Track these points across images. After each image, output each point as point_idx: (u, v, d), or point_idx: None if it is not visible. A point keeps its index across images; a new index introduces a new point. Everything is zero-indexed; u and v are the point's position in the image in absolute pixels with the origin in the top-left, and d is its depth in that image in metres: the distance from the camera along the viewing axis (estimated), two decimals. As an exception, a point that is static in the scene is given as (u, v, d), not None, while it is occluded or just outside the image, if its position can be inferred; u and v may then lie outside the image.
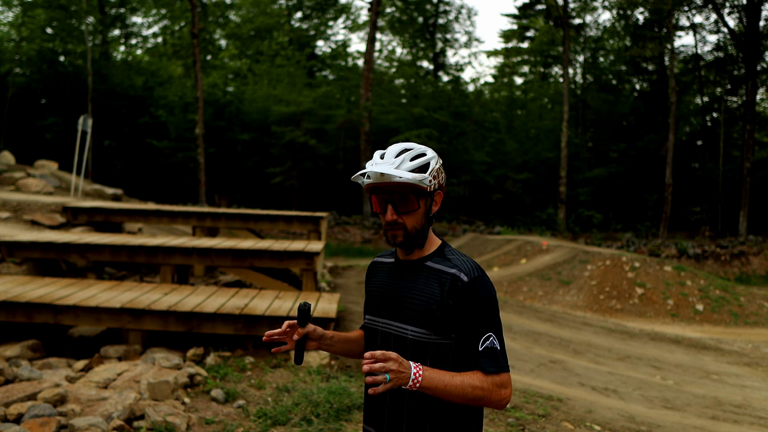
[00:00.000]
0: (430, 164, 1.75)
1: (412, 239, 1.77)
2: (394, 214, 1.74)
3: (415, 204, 1.74)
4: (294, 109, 26.86)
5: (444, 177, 1.81)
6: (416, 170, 1.73)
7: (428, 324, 1.72)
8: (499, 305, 1.84)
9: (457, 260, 1.76)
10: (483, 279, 1.73)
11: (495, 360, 1.68)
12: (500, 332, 1.72)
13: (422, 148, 1.78)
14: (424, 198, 1.76)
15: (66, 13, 25.03)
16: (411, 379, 1.58)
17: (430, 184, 1.74)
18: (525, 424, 4.55)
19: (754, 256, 19.37)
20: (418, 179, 1.70)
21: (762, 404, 6.32)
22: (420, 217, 1.76)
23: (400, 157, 1.73)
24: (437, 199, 1.80)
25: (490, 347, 1.68)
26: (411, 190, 1.73)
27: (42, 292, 5.98)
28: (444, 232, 23.96)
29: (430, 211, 1.78)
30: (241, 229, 10.91)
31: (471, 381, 1.65)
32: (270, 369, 5.26)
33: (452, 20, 36.11)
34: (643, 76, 30.93)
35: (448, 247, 1.83)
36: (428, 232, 1.81)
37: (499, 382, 1.67)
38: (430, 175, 1.73)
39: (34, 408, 3.91)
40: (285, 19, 35.41)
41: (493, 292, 1.74)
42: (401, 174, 1.68)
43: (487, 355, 1.67)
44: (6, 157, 15.09)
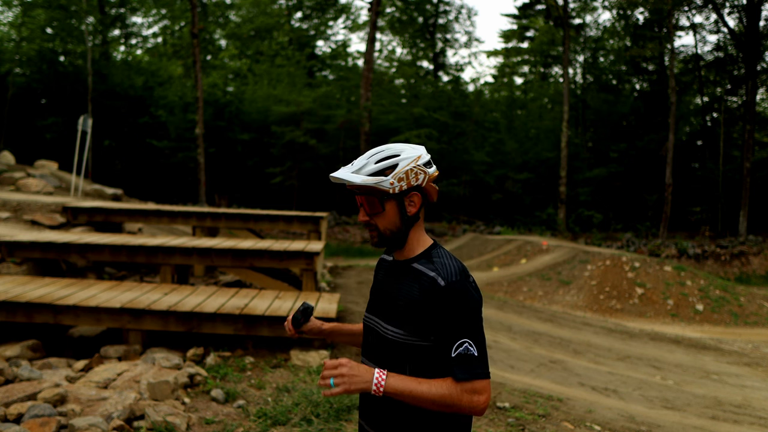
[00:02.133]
0: (398, 166, 1.73)
1: (387, 240, 1.80)
2: (365, 215, 1.79)
3: (378, 206, 1.76)
4: (294, 109, 26.87)
5: (426, 177, 1.76)
6: (378, 173, 1.73)
7: (405, 325, 1.73)
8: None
9: (440, 263, 1.74)
10: (461, 284, 1.69)
11: (468, 366, 1.63)
12: (478, 338, 1.66)
13: (400, 149, 1.76)
14: (390, 200, 1.75)
15: (66, 13, 25.03)
16: (373, 384, 1.61)
17: (392, 186, 1.72)
18: (525, 424, 4.55)
19: (754, 256, 19.37)
20: (373, 182, 1.71)
21: (762, 404, 6.32)
22: (391, 220, 1.77)
23: (367, 159, 1.75)
24: (414, 200, 1.77)
25: (464, 353, 1.63)
26: (371, 193, 1.75)
27: (42, 292, 5.98)
28: (444, 232, 23.96)
29: (405, 213, 1.77)
30: (241, 229, 10.91)
31: (439, 388, 1.62)
32: (270, 369, 5.26)
33: (452, 20, 36.14)
34: (643, 76, 30.93)
35: (437, 249, 1.81)
36: (410, 234, 1.80)
37: (470, 388, 1.62)
38: (392, 178, 1.71)
39: (34, 408, 3.91)
40: (285, 19, 35.41)
41: (472, 297, 1.69)
42: (350, 178, 1.72)
43: (459, 361, 1.63)
44: (6, 157, 15.09)
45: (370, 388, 1.61)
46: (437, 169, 1.83)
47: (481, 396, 1.63)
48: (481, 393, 1.63)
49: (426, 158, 1.78)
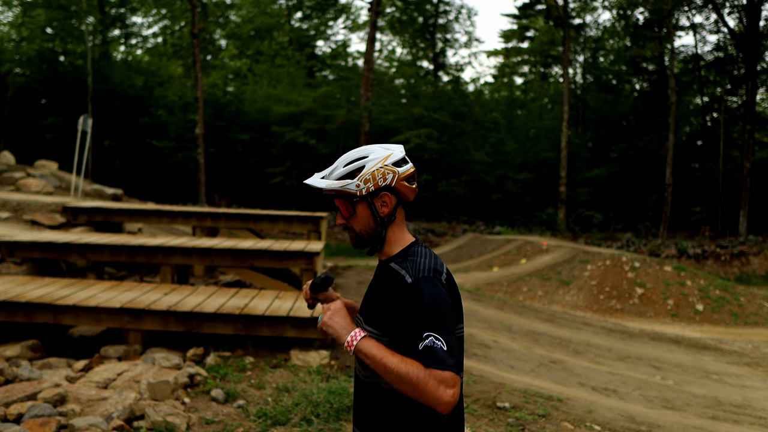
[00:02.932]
0: (364, 167, 1.74)
1: (364, 242, 1.83)
2: (341, 218, 1.83)
3: (349, 209, 1.79)
4: (294, 109, 26.87)
5: (395, 177, 1.75)
6: (346, 176, 1.75)
7: (379, 324, 1.75)
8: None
9: (412, 261, 1.74)
10: (429, 280, 1.67)
11: (435, 358, 1.56)
12: (446, 333, 1.60)
13: (369, 150, 1.78)
14: (360, 202, 1.77)
15: (66, 13, 25.02)
16: (347, 340, 1.64)
17: (358, 189, 1.74)
18: (525, 424, 4.55)
19: (754, 256, 19.37)
20: (339, 186, 1.75)
21: (762, 404, 6.32)
22: (364, 221, 1.79)
23: (336, 164, 1.78)
24: (386, 200, 1.77)
25: (430, 346, 1.57)
26: (342, 196, 1.78)
27: (42, 292, 5.98)
28: (444, 232, 23.97)
29: (378, 214, 1.77)
30: (241, 229, 10.91)
31: (409, 365, 1.56)
32: (270, 369, 5.26)
33: (452, 20, 36.12)
34: (643, 76, 30.93)
35: (414, 248, 1.80)
36: (388, 234, 1.81)
37: (440, 377, 1.54)
38: (358, 180, 1.73)
39: (34, 408, 3.91)
40: (285, 19, 35.41)
41: (438, 293, 1.65)
42: (317, 183, 1.77)
43: (426, 354, 1.57)
44: (6, 157, 15.09)
45: (344, 339, 1.64)
46: (413, 166, 1.81)
47: (449, 389, 1.54)
48: (449, 386, 1.54)
49: (397, 157, 1.78)
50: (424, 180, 27.31)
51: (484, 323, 8.83)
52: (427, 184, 27.67)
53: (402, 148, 1.82)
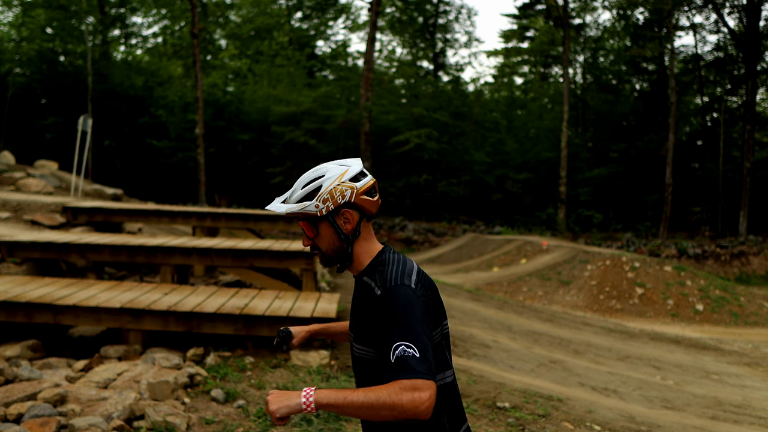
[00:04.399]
0: (321, 187, 1.74)
1: (332, 260, 1.82)
2: (307, 240, 1.83)
3: (313, 230, 1.80)
4: (294, 109, 26.86)
5: (353, 192, 1.74)
6: (304, 198, 1.76)
7: (363, 340, 1.75)
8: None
9: (380, 271, 1.73)
10: (398, 288, 1.65)
11: (405, 367, 1.53)
12: (417, 340, 1.56)
13: (325, 169, 1.77)
14: (322, 222, 1.77)
15: (66, 13, 25.02)
16: (302, 403, 1.57)
17: (318, 209, 1.74)
18: (525, 424, 4.55)
19: (754, 256, 19.37)
20: (297, 209, 1.75)
21: (762, 404, 6.32)
22: (329, 240, 1.78)
23: (295, 186, 1.79)
24: (347, 217, 1.76)
25: (401, 356, 1.54)
26: (305, 218, 1.79)
27: (42, 292, 5.98)
28: (444, 232, 23.97)
29: (341, 232, 1.77)
30: (241, 229, 10.91)
31: (375, 391, 1.53)
32: (270, 369, 5.26)
33: (452, 20, 36.10)
34: (643, 76, 30.92)
35: (382, 256, 1.79)
36: (355, 249, 1.79)
37: (408, 385, 1.50)
38: (317, 200, 1.73)
39: (34, 408, 3.91)
40: (285, 19, 35.40)
41: (407, 299, 1.63)
42: (276, 208, 1.79)
43: (398, 365, 1.54)
44: (6, 157, 15.09)
45: (300, 407, 1.57)
46: (372, 178, 1.80)
47: (422, 392, 1.50)
48: (418, 390, 1.50)
49: (354, 172, 1.76)
50: (424, 180, 27.31)
51: (484, 323, 8.84)
52: (427, 184, 27.67)
53: (359, 162, 1.81)
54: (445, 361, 1.79)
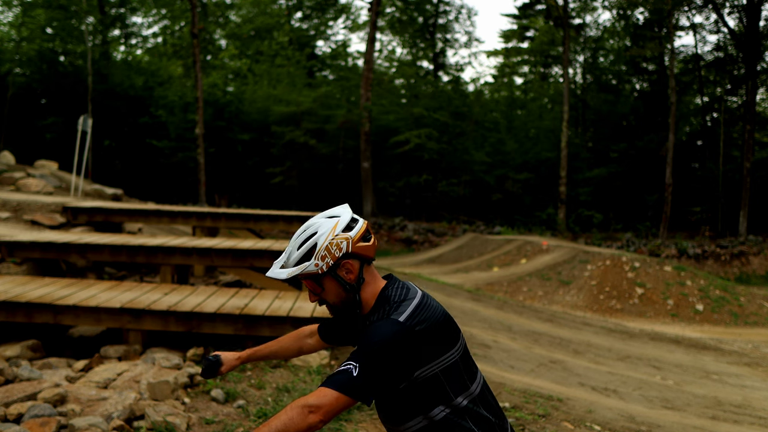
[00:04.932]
0: (317, 245, 1.73)
1: (341, 311, 1.82)
2: (314, 296, 1.82)
3: (317, 288, 1.79)
4: (294, 109, 26.86)
5: (349, 243, 1.74)
6: (302, 259, 1.75)
7: None
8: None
9: (382, 310, 1.75)
10: (383, 321, 1.67)
11: (333, 379, 1.56)
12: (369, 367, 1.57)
13: (316, 226, 1.76)
14: (325, 278, 1.77)
15: (66, 13, 25.01)
16: None
17: (318, 267, 1.74)
18: (525, 424, 4.55)
19: (754, 256, 19.37)
20: (298, 271, 1.75)
21: (762, 404, 6.32)
22: (335, 293, 1.79)
23: (291, 247, 1.78)
24: (349, 267, 1.76)
25: (340, 369, 1.58)
26: (306, 277, 1.78)
27: (42, 292, 5.98)
28: (444, 232, 23.97)
29: (345, 283, 1.76)
30: (241, 229, 10.91)
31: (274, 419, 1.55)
32: (270, 369, 5.26)
33: (452, 20, 36.09)
34: (643, 76, 30.91)
35: (385, 293, 1.79)
36: (360, 297, 1.79)
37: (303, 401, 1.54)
38: (315, 260, 1.73)
39: (34, 408, 3.91)
40: (285, 19, 35.39)
41: (387, 332, 1.62)
42: (278, 275, 1.77)
43: (330, 375, 1.59)
44: (6, 157, 15.09)
45: None
46: (364, 221, 1.81)
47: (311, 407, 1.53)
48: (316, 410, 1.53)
49: (345, 221, 1.77)
50: (424, 180, 27.31)
51: (484, 323, 8.84)
52: (427, 184, 27.68)
53: (347, 209, 1.81)
54: (471, 374, 1.80)
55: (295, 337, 2.17)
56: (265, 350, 2.17)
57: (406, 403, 1.72)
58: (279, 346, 2.17)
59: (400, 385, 1.67)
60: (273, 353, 2.17)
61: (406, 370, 1.65)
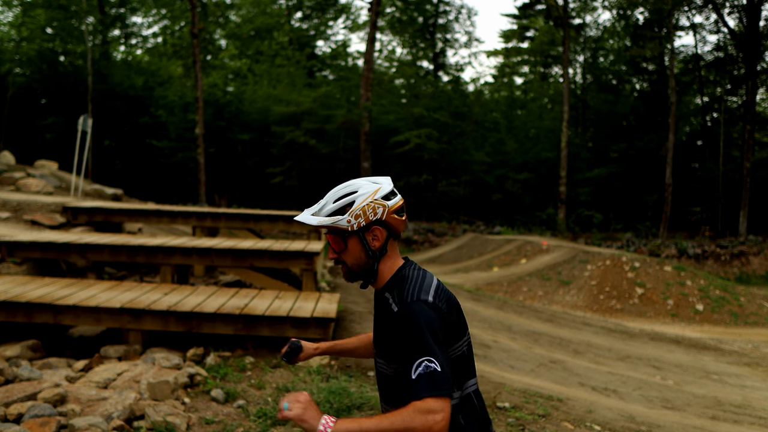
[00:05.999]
0: (354, 203, 1.75)
1: (356, 275, 1.83)
2: (333, 253, 1.83)
3: (341, 244, 1.80)
4: (294, 109, 26.86)
5: (385, 210, 1.76)
6: (336, 212, 1.76)
7: (383, 354, 1.78)
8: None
9: (399, 288, 1.75)
10: (414, 305, 1.67)
11: (427, 385, 1.57)
12: (437, 356, 1.59)
13: (358, 185, 1.78)
14: (351, 237, 1.78)
15: (66, 13, 25.01)
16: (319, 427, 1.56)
17: (349, 224, 1.75)
18: (525, 424, 4.55)
19: (754, 256, 19.37)
20: (330, 222, 1.75)
21: (762, 404, 6.32)
22: (356, 256, 1.79)
23: (327, 199, 1.79)
24: (376, 234, 1.78)
25: (423, 373, 1.58)
26: (333, 231, 1.79)
27: (42, 292, 5.98)
28: (444, 232, 23.97)
29: (369, 248, 1.78)
30: (241, 229, 10.91)
31: (390, 417, 1.56)
32: (270, 369, 5.26)
33: (452, 20, 36.09)
34: (643, 76, 30.92)
35: (403, 272, 1.80)
36: (378, 266, 1.81)
37: (422, 408, 1.53)
38: (349, 216, 1.74)
39: (34, 408, 3.91)
40: (285, 19, 35.40)
41: (423, 315, 1.65)
42: (307, 220, 1.77)
43: (418, 381, 1.58)
44: (6, 157, 15.09)
45: (316, 429, 1.56)
46: (401, 198, 1.82)
47: (436, 414, 1.53)
48: (435, 412, 1.53)
49: (386, 190, 1.79)
50: (424, 180, 27.31)
51: (484, 323, 8.84)
52: (427, 184, 27.67)
53: (390, 181, 1.83)
54: (471, 370, 1.81)
55: (368, 340, 2.16)
56: (345, 346, 2.16)
57: None
58: (357, 344, 2.16)
59: None
60: (352, 350, 2.16)
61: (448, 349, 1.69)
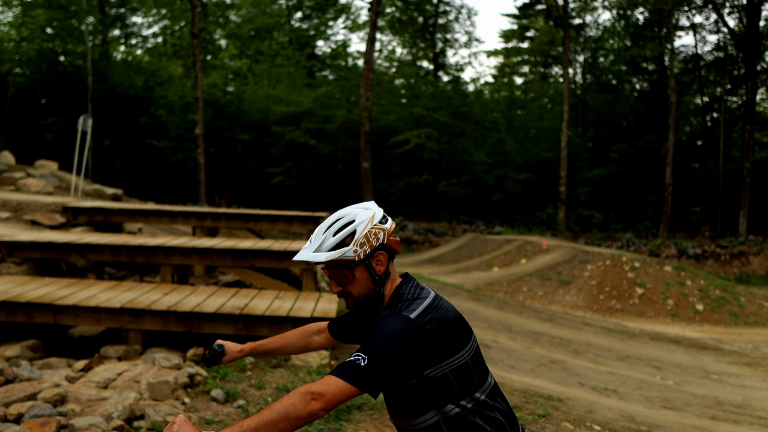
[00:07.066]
0: (356, 232, 1.75)
1: (364, 303, 1.82)
2: (337, 286, 1.81)
3: (348, 276, 1.78)
4: (294, 109, 26.86)
5: (385, 234, 1.77)
6: (339, 245, 1.75)
7: None
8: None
9: (394, 306, 1.76)
10: (391, 317, 1.68)
11: (340, 369, 1.56)
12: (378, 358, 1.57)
13: (354, 214, 1.78)
14: (358, 267, 1.77)
15: (66, 13, 25.01)
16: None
17: (356, 254, 1.75)
18: (525, 424, 4.55)
19: (754, 256, 19.37)
20: (337, 255, 1.74)
21: (762, 404, 6.32)
22: (364, 284, 1.79)
23: (323, 234, 1.78)
24: (380, 258, 1.79)
25: (348, 360, 1.58)
26: (339, 265, 1.77)
27: (42, 292, 5.98)
28: (444, 232, 23.97)
29: (375, 274, 1.78)
30: (241, 229, 10.91)
31: (274, 403, 1.51)
32: (270, 369, 5.26)
33: (452, 20, 36.08)
34: (643, 76, 30.91)
35: (400, 290, 1.81)
36: (384, 290, 1.81)
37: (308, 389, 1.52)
38: (354, 246, 1.74)
39: (34, 408, 3.91)
40: (285, 19, 35.40)
41: (397, 326, 1.64)
42: (313, 258, 1.75)
43: (337, 366, 1.58)
44: (6, 157, 15.09)
45: None
46: (392, 221, 1.84)
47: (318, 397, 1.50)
48: (320, 394, 1.51)
49: (380, 215, 1.80)
50: (424, 180, 27.31)
51: (484, 323, 8.83)
52: (427, 184, 27.68)
53: (376, 205, 1.84)
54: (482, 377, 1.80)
55: (301, 334, 2.17)
56: (269, 345, 2.18)
57: (416, 400, 1.73)
58: (284, 341, 2.18)
59: (410, 381, 1.69)
60: (277, 348, 2.18)
61: (415, 367, 1.66)
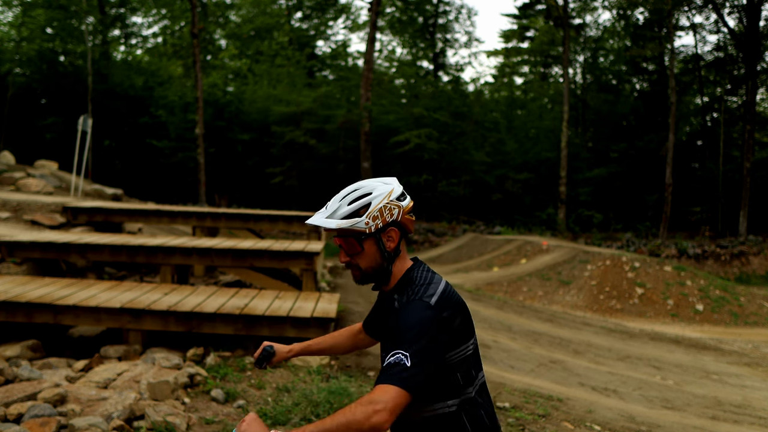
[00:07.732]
0: (370, 204, 1.74)
1: (369, 278, 1.81)
2: (345, 256, 1.81)
3: (357, 247, 1.77)
4: (294, 109, 26.86)
5: (400, 211, 1.76)
6: (352, 214, 1.74)
7: (385, 351, 1.77)
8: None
9: (408, 288, 1.76)
10: (413, 303, 1.67)
11: (388, 373, 1.53)
12: (418, 352, 1.55)
13: (372, 186, 1.77)
14: (368, 239, 1.76)
15: (66, 13, 25.01)
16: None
17: (367, 226, 1.73)
18: (525, 424, 4.55)
19: (754, 256, 19.37)
20: (348, 224, 1.73)
21: (762, 404, 6.32)
22: (371, 258, 1.78)
23: (339, 202, 1.76)
24: (392, 235, 1.77)
25: (391, 362, 1.55)
26: (350, 234, 1.76)
27: (42, 292, 5.98)
28: (444, 232, 23.96)
29: (384, 250, 1.77)
30: (241, 229, 10.91)
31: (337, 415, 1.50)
32: (270, 369, 5.26)
33: (452, 20, 36.08)
34: (643, 76, 30.91)
35: (411, 273, 1.80)
36: (392, 268, 1.80)
37: (367, 398, 1.49)
38: (366, 218, 1.73)
39: (34, 408, 3.91)
40: (285, 19, 35.40)
41: (424, 315, 1.63)
42: (324, 223, 1.74)
43: (383, 370, 1.55)
44: (6, 157, 15.09)
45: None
46: (411, 199, 1.82)
47: (377, 405, 1.47)
48: (378, 402, 1.47)
49: (399, 191, 1.79)
50: (424, 180, 27.31)
51: (484, 323, 8.83)
52: (427, 184, 27.67)
53: (398, 182, 1.83)
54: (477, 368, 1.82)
55: (348, 334, 2.17)
56: (319, 345, 2.16)
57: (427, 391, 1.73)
58: (333, 341, 2.17)
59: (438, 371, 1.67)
60: (327, 348, 2.16)
61: (444, 354, 1.67)
